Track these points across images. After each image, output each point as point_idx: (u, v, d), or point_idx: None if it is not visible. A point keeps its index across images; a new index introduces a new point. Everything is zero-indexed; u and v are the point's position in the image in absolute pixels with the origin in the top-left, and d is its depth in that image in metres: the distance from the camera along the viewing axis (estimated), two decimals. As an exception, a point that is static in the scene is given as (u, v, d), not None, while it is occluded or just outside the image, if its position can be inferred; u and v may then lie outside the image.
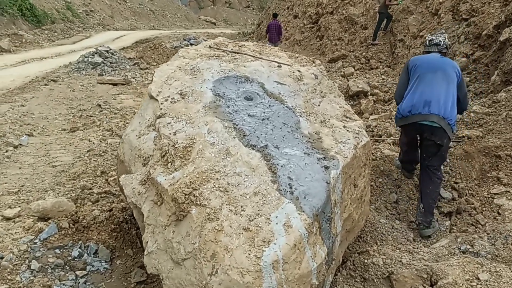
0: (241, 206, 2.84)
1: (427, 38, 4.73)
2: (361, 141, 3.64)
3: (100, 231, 3.87)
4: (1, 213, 4.31)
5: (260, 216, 2.78)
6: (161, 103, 3.60)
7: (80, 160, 5.94)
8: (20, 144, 6.62)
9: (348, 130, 3.70)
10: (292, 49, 18.10)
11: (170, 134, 3.30)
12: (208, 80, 3.76)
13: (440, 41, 4.53)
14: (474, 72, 8.26)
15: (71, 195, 4.75)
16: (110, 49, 14.83)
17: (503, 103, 6.05)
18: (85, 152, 6.30)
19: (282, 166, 3.13)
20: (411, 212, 4.59)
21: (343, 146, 3.47)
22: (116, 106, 9.86)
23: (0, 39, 18.16)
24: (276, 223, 2.73)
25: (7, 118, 8.36)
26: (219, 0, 44.88)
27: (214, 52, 4.29)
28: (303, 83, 4.03)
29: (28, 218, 4.15)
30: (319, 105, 3.93)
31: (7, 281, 3.25)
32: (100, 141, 6.90)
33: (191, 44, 19.96)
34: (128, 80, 12.37)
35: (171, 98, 3.62)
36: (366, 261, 3.65)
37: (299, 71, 4.14)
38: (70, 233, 3.83)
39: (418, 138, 4.63)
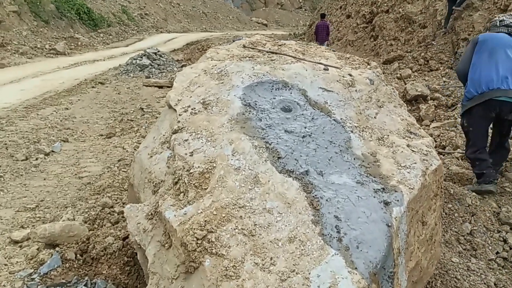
0: (271, 258, 2.07)
1: (496, 18, 4.55)
2: (431, 165, 2.78)
3: (111, 264, 3.22)
4: (10, 234, 3.77)
5: (296, 273, 2.00)
6: (179, 114, 2.89)
7: (108, 171, 5.38)
8: (52, 151, 6.17)
9: (413, 151, 2.84)
10: (344, 50, 17.08)
11: (185, 154, 2.58)
12: (237, 86, 3.01)
13: (511, 22, 4.33)
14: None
15: (89, 214, 4.16)
16: (158, 51, 14.48)
17: None
18: (116, 162, 5.74)
19: (327, 201, 2.34)
20: (490, 247, 3.65)
21: (408, 172, 2.62)
22: (158, 110, 9.37)
23: (56, 42, 18.31)
24: (318, 286, 1.94)
25: (48, 122, 8.02)
26: (271, 1, 44.19)
27: (248, 52, 3.54)
28: (355, 90, 3.20)
29: (34, 243, 3.57)
30: (375, 118, 3.09)
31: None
32: (134, 149, 6.32)
33: (241, 46, 19.35)
34: (173, 83, 11.87)
35: (192, 108, 2.91)
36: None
37: (350, 75, 3.31)
38: (76, 266, 3.20)
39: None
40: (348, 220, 2.24)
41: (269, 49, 3.61)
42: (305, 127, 2.78)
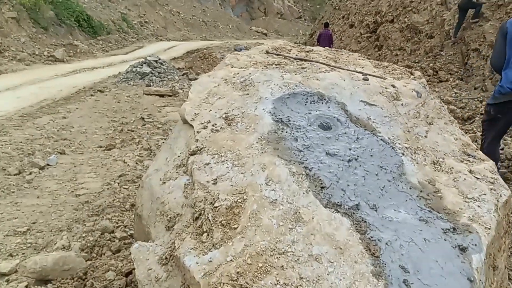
0: (325, 327, 1.57)
1: None
2: (501, 196, 2.28)
3: (113, 307, 2.70)
4: (-4, 264, 3.25)
5: None
6: (198, 132, 2.39)
7: (108, 188, 4.86)
8: (48, 165, 5.65)
9: (477, 178, 2.35)
10: (347, 60, 16.65)
11: (208, 182, 2.08)
12: (265, 99, 2.52)
13: None
14: None
15: (87, 240, 3.64)
16: (159, 59, 13.99)
17: None
18: (117, 177, 5.22)
19: (387, 245, 1.84)
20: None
21: (479, 206, 2.13)
22: (160, 120, 8.89)
23: (55, 49, 17.81)
24: None
25: (44, 132, 7.49)
26: (271, 11, 43.90)
27: (273, 59, 3.05)
28: (401, 104, 2.72)
29: (23, 278, 3.04)
30: (425, 137, 2.60)
31: None
32: (136, 163, 5.82)
33: (242, 54, 18.89)
34: (175, 91, 11.42)
35: (212, 125, 2.41)
36: None
37: (393, 86, 2.83)
38: (70, 308, 2.68)
39: None
40: (418, 272, 1.74)
41: (296, 55, 3.13)
42: (350, 149, 2.28)
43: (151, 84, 12.39)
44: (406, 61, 13.29)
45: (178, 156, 2.39)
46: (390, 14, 16.35)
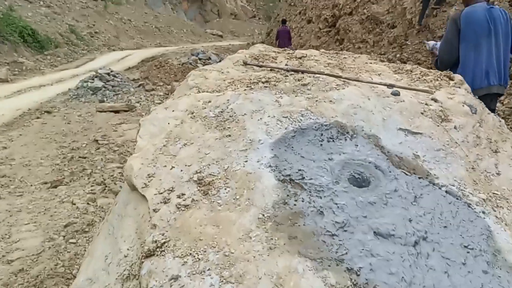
0: None
1: None
2: None
3: None
4: None
5: None
6: (155, 210, 1.40)
7: (50, 247, 3.76)
8: (-24, 217, 4.48)
9: None
10: (309, 56, 15.92)
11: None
12: (259, 143, 1.56)
13: None
14: None
15: None
16: (112, 71, 12.75)
17: None
18: (62, 228, 4.13)
19: None
20: None
21: None
22: (116, 141, 7.78)
23: (-2, 69, 16.22)
24: None
25: (-22, 169, 6.25)
26: (225, 12, 42.72)
27: (257, 73, 2.08)
28: (454, 127, 1.81)
29: None
30: (498, 174, 1.71)
31: None
32: (88, 203, 4.73)
33: (199, 59, 17.82)
34: (131, 106, 10.29)
35: (178, 196, 1.43)
36: None
37: (435, 100, 1.92)
38: None
39: None
40: None
41: (286, 65, 2.17)
42: (410, 220, 1.35)
43: (105, 99, 11.18)
44: (371, 54, 12.61)
45: (125, 256, 1.39)
46: (348, 6, 15.68)
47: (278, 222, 1.29)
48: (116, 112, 10.07)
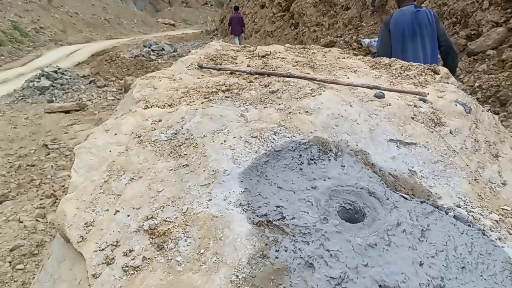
0: None
1: None
2: None
3: None
4: None
5: None
6: (94, 274, 1.06)
7: (-6, 277, 3.33)
8: None
9: None
10: (264, 42, 15.57)
11: None
12: (225, 174, 1.23)
13: None
14: None
15: None
16: (59, 69, 11.97)
17: None
18: (8, 252, 3.67)
19: None
20: None
21: None
22: (67, 144, 7.23)
23: None
24: None
25: None
26: (176, 0, 41.60)
27: (215, 78, 1.74)
28: (450, 132, 1.55)
29: None
30: (504, 184, 1.47)
31: None
32: (36, 220, 4.27)
33: (152, 51, 17.15)
34: (83, 104, 9.67)
35: (124, 253, 1.09)
36: None
37: (424, 101, 1.65)
38: None
39: None
40: None
41: (249, 65, 1.84)
42: (421, 263, 1.07)
43: (54, 99, 10.47)
44: (329, 37, 12.44)
45: None
46: (300, -11, 15.41)
47: (257, 285, 0.98)
48: (67, 112, 9.44)
